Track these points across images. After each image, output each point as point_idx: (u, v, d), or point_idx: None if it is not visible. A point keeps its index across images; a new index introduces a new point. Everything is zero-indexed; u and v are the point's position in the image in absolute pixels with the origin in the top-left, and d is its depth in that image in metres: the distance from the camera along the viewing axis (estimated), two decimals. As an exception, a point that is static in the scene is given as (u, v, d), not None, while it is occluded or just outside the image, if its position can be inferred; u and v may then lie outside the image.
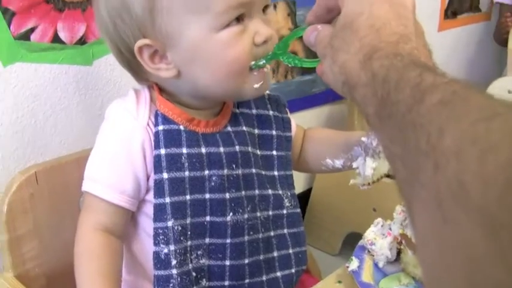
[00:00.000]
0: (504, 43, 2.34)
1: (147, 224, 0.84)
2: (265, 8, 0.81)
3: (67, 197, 0.97)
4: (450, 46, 2.37)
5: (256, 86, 0.79)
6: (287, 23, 1.50)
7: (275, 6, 1.45)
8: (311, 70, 1.60)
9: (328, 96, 1.70)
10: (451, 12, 2.31)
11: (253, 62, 0.78)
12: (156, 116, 0.80)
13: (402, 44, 0.52)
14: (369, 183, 0.84)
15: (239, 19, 0.76)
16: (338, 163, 0.90)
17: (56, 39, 1.04)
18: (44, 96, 1.05)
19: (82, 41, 1.07)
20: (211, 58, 0.77)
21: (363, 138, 0.85)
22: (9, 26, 0.97)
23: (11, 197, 0.91)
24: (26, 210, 0.93)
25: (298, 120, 1.60)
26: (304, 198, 1.62)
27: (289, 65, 0.79)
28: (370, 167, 0.82)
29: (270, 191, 0.88)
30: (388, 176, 0.83)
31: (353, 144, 0.87)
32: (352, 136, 0.91)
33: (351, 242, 1.36)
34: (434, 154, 0.37)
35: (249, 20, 0.77)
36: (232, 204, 0.83)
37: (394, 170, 0.46)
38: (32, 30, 1.01)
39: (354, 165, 0.85)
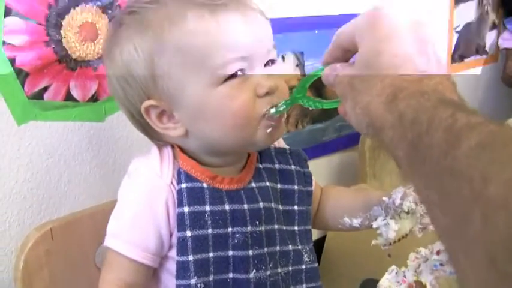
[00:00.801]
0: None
1: (169, 280, 0.84)
2: (271, 62, 0.83)
3: (82, 252, 0.98)
4: (459, 89, 2.38)
5: (269, 130, 0.80)
6: (296, 74, 1.52)
7: (283, 58, 1.48)
8: (321, 119, 1.62)
9: (339, 144, 1.72)
10: (458, 56, 2.33)
11: (273, 109, 0.79)
12: (179, 174, 0.81)
13: (426, 81, 0.50)
14: (390, 243, 0.86)
15: (236, 73, 0.78)
16: (356, 222, 0.92)
17: (68, 97, 1.06)
18: (58, 153, 1.07)
19: (94, 98, 1.10)
20: (215, 113, 0.79)
21: (384, 198, 0.86)
22: (23, 86, 1.00)
23: (27, 254, 0.93)
24: (42, 266, 0.94)
25: (311, 168, 1.61)
26: (318, 245, 1.61)
27: (310, 108, 0.81)
28: (393, 229, 0.84)
29: (290, 247, 0.89)
30: (407, 235, 0.86)
31: (372, 203, 0.89)
32: (372, 195, 0.92)
33: (368, 289, 1.35)
34: (480, 204, 0.35)
35: (252, 72, 0.79)
36: (255, 261, 0.83)
37: (431, 217, 0.44)
38: (45, 89, 1.03)
39: (374, 225, 0.87)
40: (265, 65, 0.82)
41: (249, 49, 0.78)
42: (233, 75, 0.78)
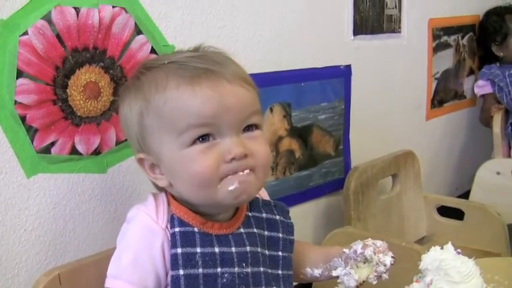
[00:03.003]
0: (489, 125, 2.47)
1: (164, 318, 0.92)
2: (254, 127, 0.92)
3: (88, 296, 1.05)
4: (439, 133, 2.48)
5: (231, 188, 0.88)
6: (283, 124, 1.62)
7: (272, 109, 1.57)
8: (307, 166, 1.71)
9: (325, 189, 1.80)
10: (437, 101, 2.43)
11: None
12: (172, 219, 0.91)
13: None
14: None
15: (205, 138, 0.88)
16: (317, 272, 1.05)
17: (73, 151, 1.15)
18: (63, 203, 1.15)
19: (97, 152, 1.18)
20: (181, 172, 0.89)
21: (345, 250, 0.98)
22: (32, 141, 1.08)
23: (37, 299, 0.99)
24: (50, 310, 1.00)
25: (298, 213, 1.71)
26: (306, 286, 1.68)
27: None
28: (353, 278, 0.97)
29: None
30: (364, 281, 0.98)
31: (332, 255, 1.01)
32: (331, 249, 1.04)
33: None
34: None
35: (221, 139, 0.88)
36: None
37: None
38: (52, 144, 1.11)
39: (334, 273, 0.99)
40: (245, 130, 0.91)
41: (211, 117, 0.87)
42: (203, 139, 0.88)
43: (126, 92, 0.96)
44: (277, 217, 1.02)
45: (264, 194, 1.07)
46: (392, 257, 0.99)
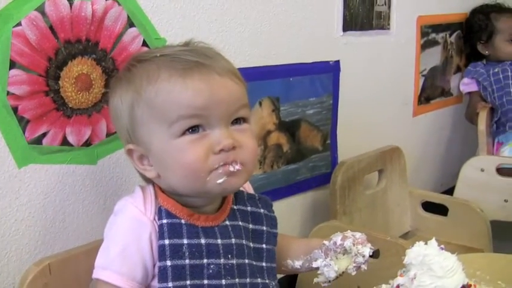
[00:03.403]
0: (474, 121, 2.50)
1: (151, 308, 0.94)
2: (242, 120, 0.94)
3: (78, 286, 1.06)
4: (425, 130, 2.51)
5: (219, 181, 0.90)
6: (272, 119, 1.63)
7: (260, 104, 1.59)
8: (295, 160, 1.73)
9: (312, 183, 1.82)
10: (424, 98, 2.46)
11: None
12: (160, 211, 0.93)
13: None
14: (329, 281, 1.01)
15: (195, 129, 0.90)
16: (297, 264, 1.07)
17: (64, 142, 1.16)
18: (54, 193, 1.16)
19: (88, 143, 1.19)
20: (171, 163, 0.91)
21: (325, 242, 1.00)
22: (24, 132, 1.09)
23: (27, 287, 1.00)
24: (40, 299, 1.02)
25: (285, 206, 1.73)
26: (291, 279, 1.70)
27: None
28: (333, 270, 0.99)
29: (259, 280, 0.99)
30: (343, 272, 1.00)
31: (313, 247, 1.03)
32: (312, 241, 1.07)
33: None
34: None
35: (211, 130, 0.90)
36: None
37: None
38: (44, 135, 1.12)
39: (314, 265, 1.02)
40: (234, 123, 0.93)
41: (202, 108, 0.89)
42: (193, 130, 0.89)
43: (117, 83, 0.97)
44: (262, 210, 1.04)
45: (248, 187, 1.09)
46: (370, 248, 1.01)
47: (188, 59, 0.91)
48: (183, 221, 0.93)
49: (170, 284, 0.90)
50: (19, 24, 1.05)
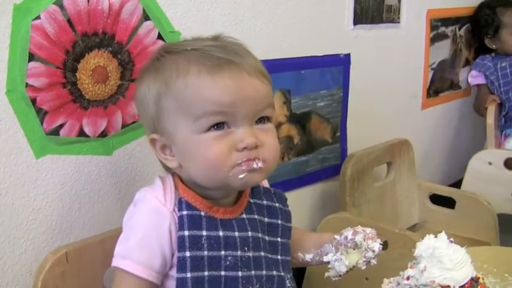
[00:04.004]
0: (482, 113, 2.52)
1: (168, 297, 0.96)
2: (266, 119, 0.95)
3: (93, 274, 1.09)
4: (434, 122, 2.52)
5: (241, 176, 0.92)
6: (283, 111, 1.65)
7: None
8: (305, 152, 1.75)
9: (322, 174, 1.84)
10: (433, 91, 2.47)
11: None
12: (180, 202, 0.94)
13: None
14: (340, 275, 1.03)
15: (220, 126, 0.91)
16: (308, 257, 1.09)
17: (81, 133, 1.18)
18: (70, 183, 1.18)
19: (103, 134, 1.22)
20: (194, 156, 0.93)
21: (336, 236, 1.02)
22: (42, 123, 1.11)
23: (45, 275, 1.04)
24: (58, 286, 1.05)
25: (296, 197, 1.74)
26: (300, 271, 1.72)
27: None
28: (344, 264, 1.01)
29: (274, 272, 1.01)
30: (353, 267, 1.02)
31: (324, 241, 1.05)
32: (323, 235, 1.08)
33: (347, 310, 1.45)
34: None
35: (235, 128, 0.92)
36: (244, 282, 0.95)
37: None
38: (61, 126, 1.15)
39: (325, 259, 1.04)
40: (258, 122, 0.94)
41: (229, 106, 0.91)
42: (218, 127, 0.91)
43: (145, 72, 0.99)
44: (277, 204, 1.06)
45: (264, 182, 1.10)
46: (380, 243, 1.03)
47: (219, 55, 0.92)
48: (202, 213, 0.95)
49: (189, 274, 0.92)
50: (38, 17, 1.07)
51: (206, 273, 0.93)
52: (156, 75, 0.95)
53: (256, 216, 1.02)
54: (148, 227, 0.93)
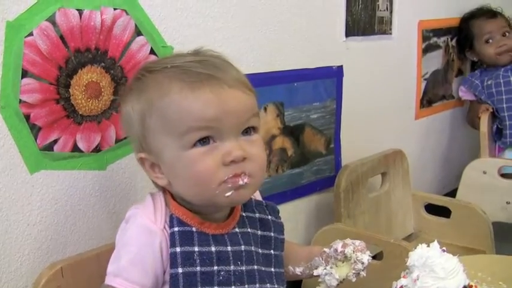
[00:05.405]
0: (476, 126, 2.52)
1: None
2: (252, 129, 0.96)
3: (89, 288, 1.09)
4: (428, 133, 2.53)
5: (227, 194, 0.92)
6: (276, 123, 1.66)
7: (265, 109, 1.61)
8: (299, 164, 1.75)
9: (316, 186, 1.85)
10: (426, 102, 2.48)
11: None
12: (172, 219, 0.95)
13: None
14: None
15: (205, 140, 0.92)
16: (298, 270, 1.10)
17: (75, 148, 1.19)
18: (65, 198, 1.18)
19: (97, 149, 1.22)
20: (182, 173, 0.93)
21: (325, 249, 1.03)
22: (36, 139, 1.12)
23: (41, 290, 1.03)
24: (53, 301, 1.05)
25: (291, 209, 1.75)
26: (296, 283, 1.72)
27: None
28: (335, 278, 1.02)
29: (268, 285, 1.01)
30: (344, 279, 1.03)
31: (314, 255, 1.06)
32: (314, 248, 1.09)
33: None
34: None
35: (221, 142, 0.92)
36: None
37: None
38: (55, 141, 1.15)
39: (315, 273, 1.05)
40: (244, 133, 0.95)
41: (212, 120, 0.91)
42: (204, 142, 0.91)
43: (128, 92, 1.00)
44: (269, 217, 1.07)
45: (256, 194, 1.10)
46: (369, 255, 1.04)
47: (199, 71, 0.92)
48: (194, 229, 0.95)
49: None
50: (31, 34, 1.08)
51: None
52: (138, 95, 0.96)
53: (249, 230, 1.02)
54: (139, 245, 0.93)
